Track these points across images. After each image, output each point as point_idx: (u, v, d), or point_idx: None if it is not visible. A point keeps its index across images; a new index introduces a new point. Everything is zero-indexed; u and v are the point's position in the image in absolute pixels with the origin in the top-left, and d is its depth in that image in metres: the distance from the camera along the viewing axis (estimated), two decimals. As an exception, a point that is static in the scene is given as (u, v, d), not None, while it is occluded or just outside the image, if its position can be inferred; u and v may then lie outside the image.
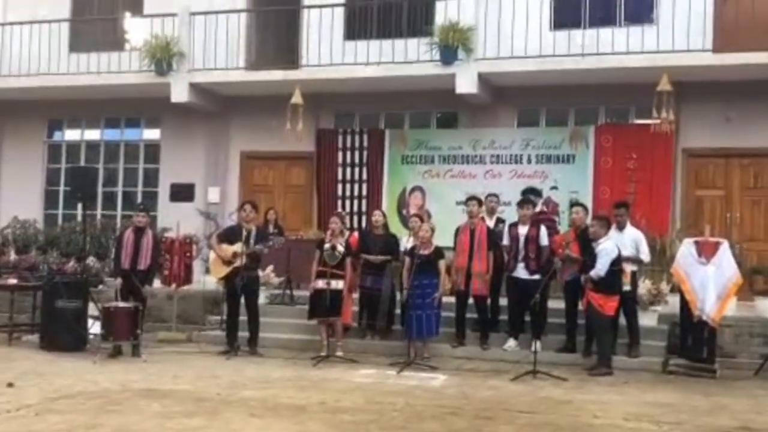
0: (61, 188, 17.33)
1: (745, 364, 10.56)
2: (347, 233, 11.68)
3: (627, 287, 10.38)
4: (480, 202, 11.47)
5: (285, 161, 16.19)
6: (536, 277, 10.63)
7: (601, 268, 9.93)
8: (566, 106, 14.72)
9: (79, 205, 15.54)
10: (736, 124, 13.61)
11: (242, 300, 11.16)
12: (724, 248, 10.26)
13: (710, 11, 13.27)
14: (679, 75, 12.45)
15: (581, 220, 10.85)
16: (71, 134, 17.73)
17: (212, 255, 11.56)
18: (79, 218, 15.84)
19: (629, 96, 13.79)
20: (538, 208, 11.87)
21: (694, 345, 10.25)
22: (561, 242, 10.89)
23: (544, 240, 10.90)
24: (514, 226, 11.12)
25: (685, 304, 10.35)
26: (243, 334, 11.17)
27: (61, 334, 11.03)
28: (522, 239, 10.90)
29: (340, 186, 15.65)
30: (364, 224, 15.00)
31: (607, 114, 14.63)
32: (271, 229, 13.35)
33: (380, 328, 11.53)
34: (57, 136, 17.84)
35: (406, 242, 11.53)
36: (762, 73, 12.81)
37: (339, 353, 10.77)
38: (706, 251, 10.24)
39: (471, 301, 11.20)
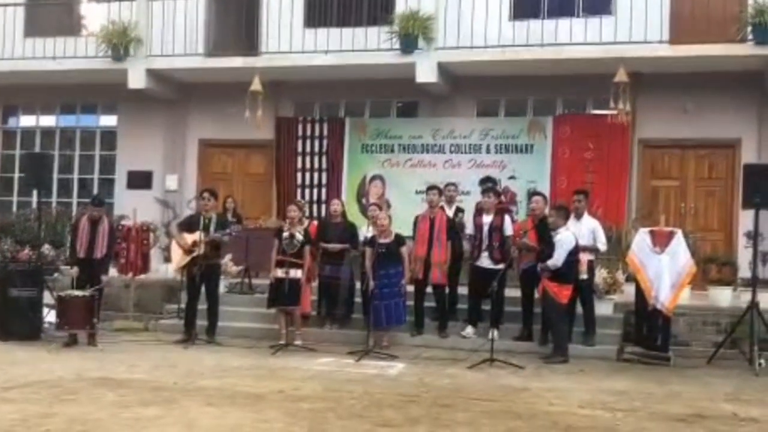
0: (16, 175, 17.04)
1: (698, 352, 10.72)
2: (306, 222, 11.66)
3: (584, 276, 10.48)
4: (440, 192, 11.49)
5: (244, 149, 16.09)
6: (500, 266, 10.68)
7: (558, 258, 10.02)
8: (525, 97, 14.78)
9: (34, 192, 15.39)
10: (692, 115, 13.78)
11: (202, 289, 11.08)
12: (678, 238, 10.39)
13: (667, 3, 13.40)
14: (636, 66, 12.59)
15: (540, 209, 10.91)
16: (26, 120, 17.45)
17: (173, 244, 11.47)
18: (34, 205, 15.64)
19: (587, 87, 13.88)
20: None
21: (649, 333, 10.36)
22: (518, 231, 10.96)
23: (509, 229, 10.95)
24: (478, 215, 11.15)
25: (640, 293, 10.47)
26: (201, 323, 11.10)
27: (16, 323, 10.87)
28: (486, 228, 10.93)
29: (299, 174, 15.60)
30: (323, 213, 14.96)
31: (565, 105, 14.73)
32: (229, 217, 13.25)
33: (339, 316, 11.53)
34: (12, 122, 17.55)
35: (366, 231, 11.52)
36: (718, 64, 12.99)
37: (298, 342, 10.75)
38: (661, 241, 10.36)
39: (429, 290, 11.23)
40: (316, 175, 15.55)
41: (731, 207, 13.70)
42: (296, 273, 10.74)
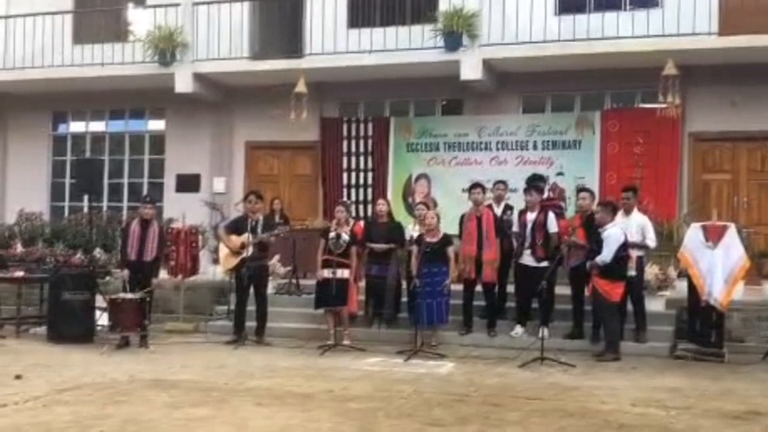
0: (67, 180, 17.36)
1: (753, 348, 10.52)
2: (352, 222, 11.69)
3: (633, 272, 10.34)
4: (484, 189, 11.44)
5: (290, 151, 16.20)
6: (543, 264, 10.60)
7: (607, 255, 9.91)
8: (572, 92, 14.68)
9: (85, 197, 15.68)
10: (742, 108, 13.54)
11: (251, 290, 11.17)
12: (732, 232, 10.21)
13: (716, -6, 13.21)
14: (684, 59, 12.39)
15: (588, 205, 10.81)
16: (76, 126, 17.75)
17: (221, 247, 11.59)
18: (85, 210, 15.92)
19: (635, 80, 13.72)
20: (545, 194, 11.83)
21: (702, 330, 10.22)
22: (566, 228, 10.87)
23: (552, 226, 10.86)
24: (523, 212, 11.09)
25: (692, 289, 10.32)
26: (250, 324, 11.19)
27: (69, 326, 11.06)
28: (529, 225, 10.87)
29: (345, 175, 15.67)
30: (369, 213, 14.99)
31: (613, 99, 14.60)
32: (277, 218, 13.35)
33: (387, 316, 11.53)
34: (62, 128, 17.86)
35: (412, 230, 11.51)
36: (767, 55, 12.73)
37: (346, 342, 10.79)
38: (713, 235, 10.19)
39: (477, 289, 11.19)
40: (361, 175, 15.60)
41: (785, 200, 13.46)
42: (343, 273, 10.79)
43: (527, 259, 10.84)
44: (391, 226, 11.59)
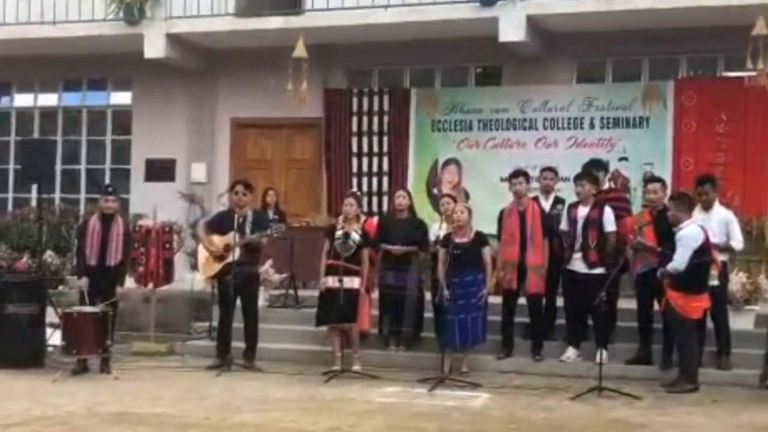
0: (11, 166, 17.46)
1: None
2: (364, 218, 11.70)
3: (715, 282, 10.31)
4: (528, 178, 11.42)
5: (286, 130, 16.23)
6: (597, 270, 10.57)
7: (680, 261, 9.85)
8: (638, 56, 14.65)
9: (33, 187, 15.73)
10: None
11: (237, 303, 11.21)
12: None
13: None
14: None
15: (659, 198, 10.75)
16: (21, 99, 17.86)
17: (200, 249, 11.61)
18: (33, 203, 15.99)
19: (717, 42, 13.70)
20: (605, 185, 11.78)
21: (801, 353, 10.20)
22: (632, 227, 10.83)
23: (609, 224, 10.81)
24: (573, 206, 11.06)
25: (789, 303, 10.30)
26: (238, 344, 11.23)
27: (13, 346, 11.08)
28: (580, 223, 10.85)
29: (355, 160, 15.69)
30: (385, 208, 15.00)
31: (689, 65, 14.58)
32: (270, 214, 13.40)
33: (406, 335, 11.55)
34: (4, 102, 17.98)
35: (437, 229, 11.50)
36: None
37: (356, 367, 10.81)
38: (816, 236, 10.17)
39: (520, 301, 11.19)
40: (375, 160, 15.63)
41: None
42: (352, 281, 10.79)
43: (577, 264, 10.81)
44: (413, 224, 11.60)
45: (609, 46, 14.45)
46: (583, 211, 10.86)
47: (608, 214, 10.85)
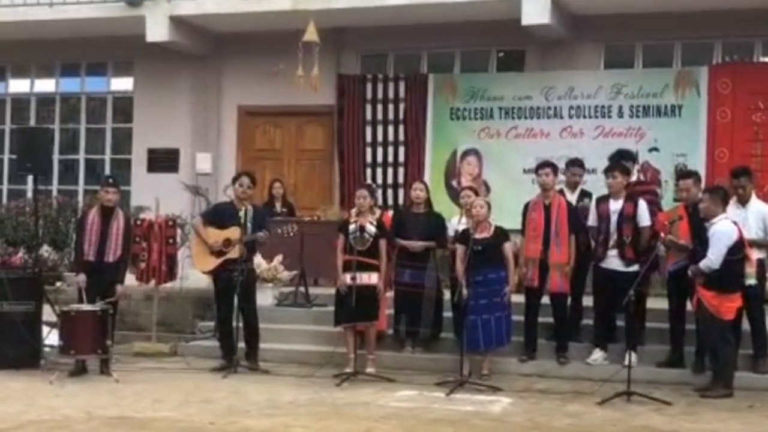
0: (6, 156, 17.56)
1: None
2: (378, 212, 11.69)
3: (752, 281, 10.27)
4: (555, 169, 11.40)
5: (296, 119, 16.25)
6: (634, 268, 10.55)
7: (714, 259, 9.81)
8: (670, 40, 14.62)
9: (29, 178, 15.75)
10: None
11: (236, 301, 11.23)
12: None
13: None
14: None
15: (693, 196, 10.69)
16: (17, 85, 17.94)
17: (195, 242, 11.59)
18: (29, 195, 16.02)
19: (754, 26, 13.68)
20: (633, 177, 11.75)
21: (844, 357, 10.16)
22: (664, 222, 10.79)
23: (645, 219, 10.79)
24: (603, 201, 11.03)
25: (831, 303, 10.25)
26: (240, 345, 11.26)
27: (8, 347, 11.10)
28: (614, 218, 10.82)
29: (369, 150, 15.71)
30: (400, 200, 15.00)
31: (724, 50, 14.53)
32: (278, 207, 13.42)
33: (423, 336, 11.54)
34: (-1, 88, 18.04)
35: (457, 223, 11.50)
36: None
37: (370, 369, 10.81)
38: None
39: (544, 300, 11.18)
40: (390, 150, 15.63)
41: None
42: (369, 277, 10.80)
43: (613, 262, 10.78)
44: (430, 218, 11.58)
45: (639, 29, 14.42)
46: (615, 206, 10.82)
47: (643, 208, 10.82)
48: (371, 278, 10.81)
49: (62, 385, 10.17)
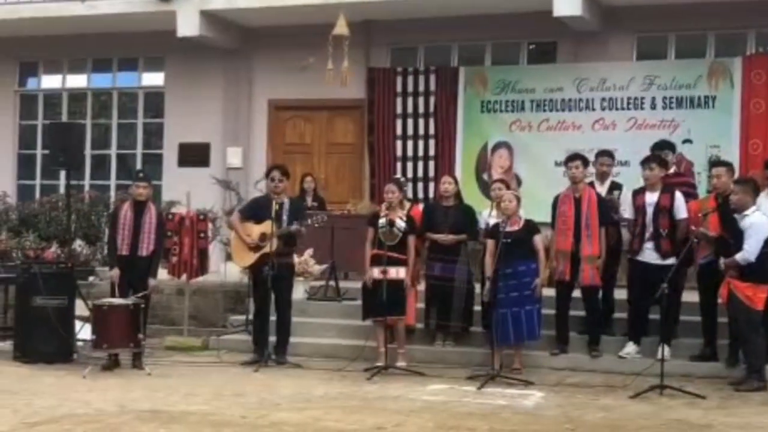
0: (38, 151, 17.66)
1: None
2: (408, 205, 11.69)
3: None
4: (585, 162, 11.35)
5: (327, 112, 16.28)
6: (670, 261, 10.47)
7: (751, 251, 9.74)
8: (703, 31, 14.54)
9: (62, 173, 15.87)
10: None
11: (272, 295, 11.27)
12: None
13: None
14: None
15: (724, 184, 10.63)
16: (49, 81, 18.06)
17: (233, 238, 11.67)
18: (62, 190, 16.13)
19: (789, 16, 13.56)
20: (672, 169, 11.66)
21: None
22: (696, 213, 10.72)
23: (682, 211, 10.72)
24: (639, 192, 10.97)
25: None
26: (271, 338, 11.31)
27: (41, 341, 11.21)
28: (650, 210, 10.76)
29: (399, 144, 15.72)
30: (431, 193, 14.99)
31: (758, 40, 14.44)
32: (309, 201, 13.43)
33: (454, 330, 11.55)
34: (31, 83, 18.17)
35: (487, 217, 11.50)
36: None
37: (401, 363, 10.82)
38: None
39: (575, 294, 11.15)
40: (420, 143, 15.63)
41: None
42: (398, 272, 10.81)
43: (650, 255, 10.72)
44: (461, 212, 11.57)
45: (671, 19, 14.35)
46: (651, 198, 10.75)
47: (680, 200, 10.74)
48: (399, 273, 10.83)
49: (95, 379, 10.23)
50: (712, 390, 9.74)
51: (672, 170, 11.70)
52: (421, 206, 12.40)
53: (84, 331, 11.41)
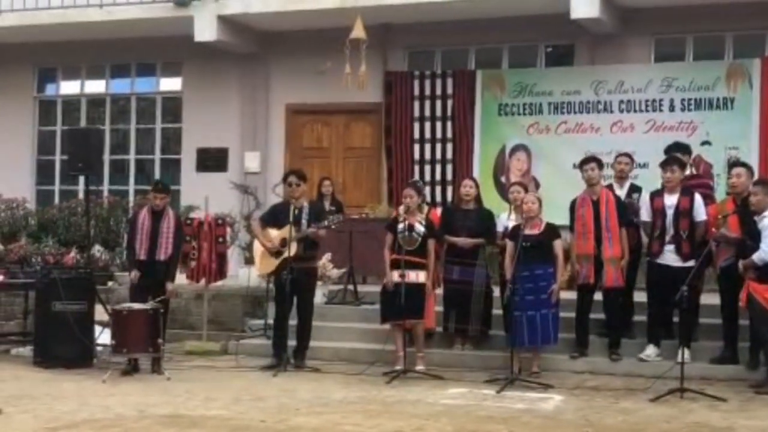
0: (57, 157, 17.73)
1: None
2: (426, 209, 11.69)
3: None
4: (600, 164, 11.33)
5: (344, 116, 16.28)
6: (691, 263, 10.44)
7: (767, 251, 9.75)
8: (721, 32, 14.50)
9: (81, 179, 15.89)
10: None
11: (295, 300, 11.27)
12: None
13: None
14: None
15: (742, 185, 10.60)
16: (68, 87, 18.12)
17: (256, 245, 11.70)
18: (81, 196, 16.18)
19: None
20: (687, 170, 11.65)
21: None
22: (715, 216, 10.69)
23: (701, 213, 10.71)
24: (657, 195, 10.95)
25: None
26: (290, 343, 11.31)
27: (61, 346, 11.26)
28: (670, 213, 10.73)
29: (417, 147, 15.71)
30: (448, 197, 14.99)
31: (777, 41, 14.36)
32: (327, 205, 13.43)
33: (473, 333, 11.54)
34: (50, 89, 18.25)
35: (505, 220, 11.47)
36: None
37: (420, 367, 10.82)
38: None
39: (596, 296, 11.12)
40: (438, 147, 15.62)
41: None
42: (417, 276, 10.82)
43: (670, 257, 10.69)
44: (479, 215, 11.57)
45: (689, 21, 14.31)
46: (670, 200, 10.73)
47: (699, 202, 10.73)
48: (419, 276, 10.84)
49: (115, 384, 10.27)
50: (732, 393, 9.69)
51: (687, 172, 11.70)
52: (439, 210, 12.42)
53: (103, 336, 11.44)
